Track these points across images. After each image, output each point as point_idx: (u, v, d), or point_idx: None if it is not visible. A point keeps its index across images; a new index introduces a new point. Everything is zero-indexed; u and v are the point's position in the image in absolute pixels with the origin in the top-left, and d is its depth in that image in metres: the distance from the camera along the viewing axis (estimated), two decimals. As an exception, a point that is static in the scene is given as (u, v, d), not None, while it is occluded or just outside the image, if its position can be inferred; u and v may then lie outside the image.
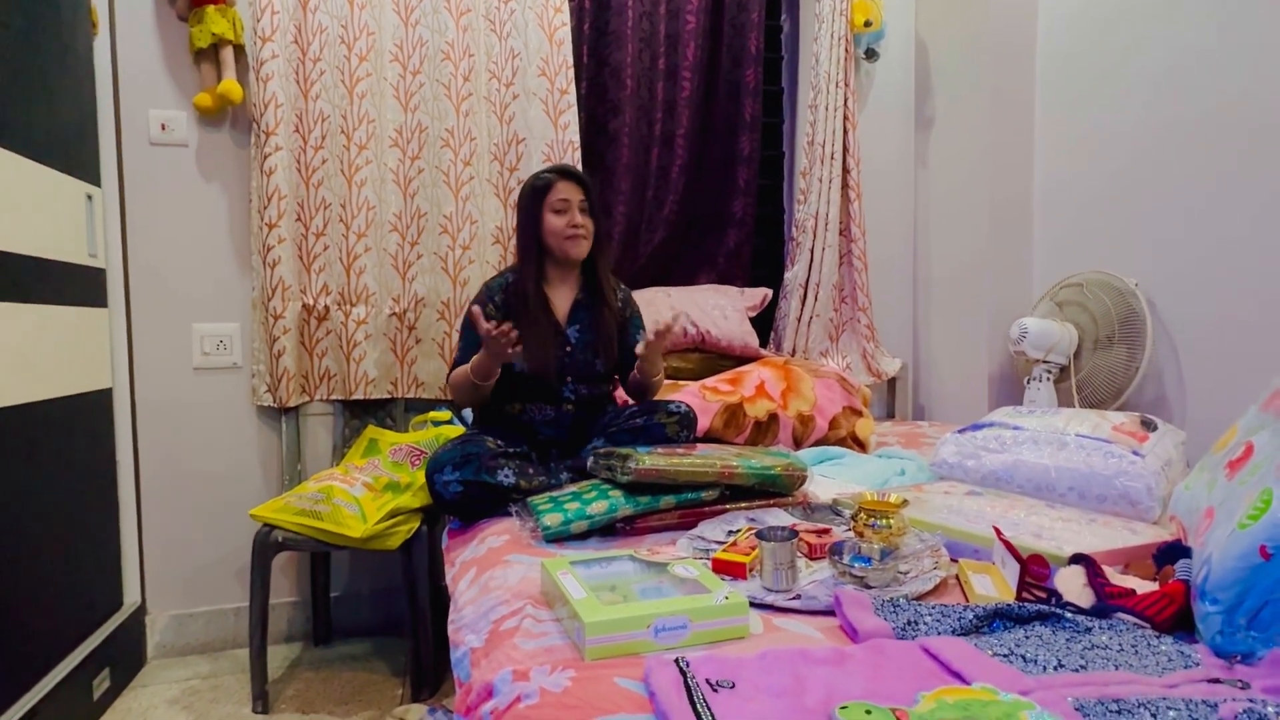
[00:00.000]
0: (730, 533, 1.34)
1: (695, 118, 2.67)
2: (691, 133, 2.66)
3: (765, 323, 2.77)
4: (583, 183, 1.86)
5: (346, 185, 2.21)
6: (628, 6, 2.52)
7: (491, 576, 1.24)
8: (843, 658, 0.87)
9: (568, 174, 1.86)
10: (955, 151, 2.67)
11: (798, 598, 1.09)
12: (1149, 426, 1.57)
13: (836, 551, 1.16)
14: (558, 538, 1.39)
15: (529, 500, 1.51)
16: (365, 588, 2.35)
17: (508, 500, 1.58)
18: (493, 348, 1.65)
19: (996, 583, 1.13)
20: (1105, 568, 1.09)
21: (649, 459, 1.44)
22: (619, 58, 2.52)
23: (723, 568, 1.17)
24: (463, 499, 1.59)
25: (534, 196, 1.84)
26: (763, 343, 2.70)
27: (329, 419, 2.32)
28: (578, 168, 2.26)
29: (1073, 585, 1.06)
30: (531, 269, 1.83)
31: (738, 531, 1.32)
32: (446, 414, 2.20)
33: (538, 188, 1.84)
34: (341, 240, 2.22)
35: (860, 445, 2.15)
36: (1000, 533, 1.19)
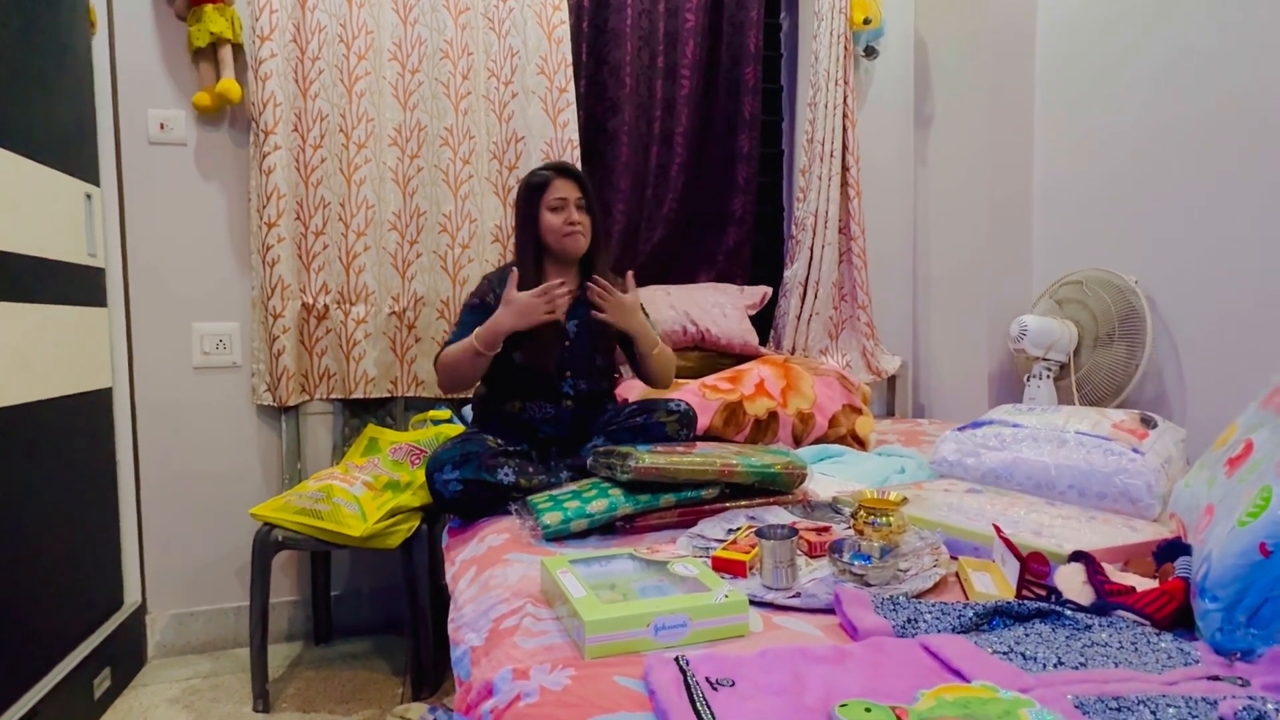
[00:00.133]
0: (730, 531, 1.34)
1: (694, 116, 2.66)
2: (691, 131, 2.66)
3: (765, 321, 2.76)
4: (579, 180, 1.85)
5: (345, 184, 2.21)
6: (626, 4, 2.51)
7: (491, 575, 1.25)
8: (842, 656, 0.87)
9: (564, 171, 1.85)
10: (955, 149, 2.67)
11: (797, 596, 1.09)
12: (1149, 424, 1.57)
13: (836, 549, 1.16)
14: (557, 536, 1.39)
15: (529, 499, 1.51)
16: (365, 587, 2.35)
17: (507, 499, 1.58)
18: (533, 312, 1.68)
19: (996, 580, 1.13)
20: (1105, 565, 1.09)
21: (649, 457, 1.44)
22: (618, 56, 2.52)
23: (722, 566, 1.17)
24: (462, 498, 1.59)
25: (531, 194, 1.84)
26: (762, 341, 2.69)
27: (329, 418, 2.32)
28: (575, 165, 2.26)
29: (1072, 583, 1.06)
30: (529, 266, 1.83)
31: (737, 530, 1.32)
32: (446, 413, 2.20)
33: (534, 185, 1.84)
34: (341, 239, 2.22)
35: (860, 443, 2.15)
36: (1000, 530, 1.19)
